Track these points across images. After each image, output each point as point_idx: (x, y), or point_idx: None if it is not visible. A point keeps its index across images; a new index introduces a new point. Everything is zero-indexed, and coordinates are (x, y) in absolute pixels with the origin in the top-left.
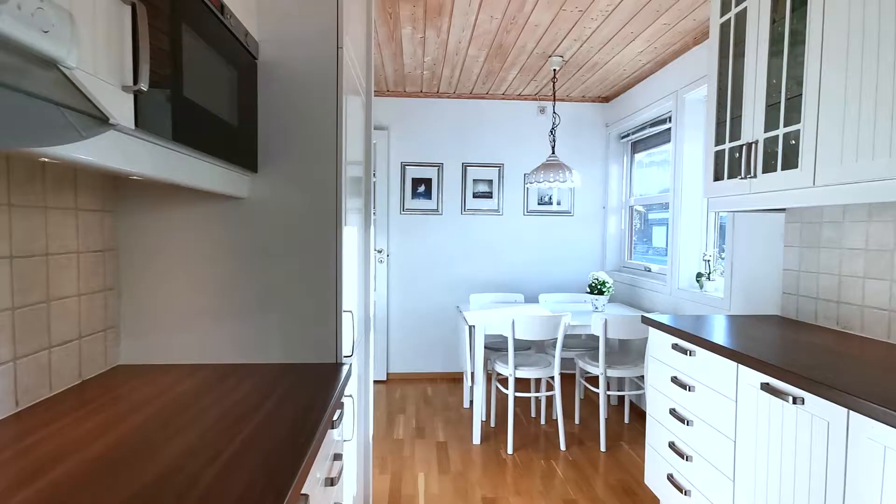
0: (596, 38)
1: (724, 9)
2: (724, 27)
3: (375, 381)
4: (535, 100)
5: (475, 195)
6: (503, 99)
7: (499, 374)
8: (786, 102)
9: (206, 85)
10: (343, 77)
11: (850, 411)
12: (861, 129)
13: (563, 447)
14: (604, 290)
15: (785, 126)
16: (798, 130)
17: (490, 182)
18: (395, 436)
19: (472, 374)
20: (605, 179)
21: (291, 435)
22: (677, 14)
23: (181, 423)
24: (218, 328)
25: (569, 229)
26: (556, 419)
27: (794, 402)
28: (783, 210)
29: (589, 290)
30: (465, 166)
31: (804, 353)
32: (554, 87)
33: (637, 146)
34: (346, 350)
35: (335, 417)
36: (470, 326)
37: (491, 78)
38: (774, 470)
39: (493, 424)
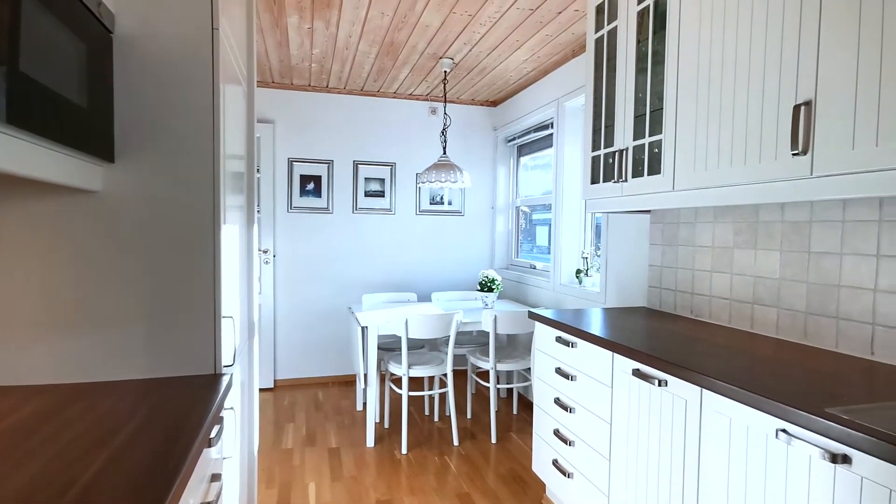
0: (484, 43)
1: (598, 26)
2: (599, 43)
3: (261, 390)
4: (427, 100)
5: (367, 194)
6: (395, 98)
7: (392, 375)
8: (650, 115)
9: (47, 59)
10: (220, 61)
11: (703, 389)
12: (709, 141)
13: (456, 442)
14: (493, 287)
15: (650, 136)
16: (660, 140)
17: (382, 181)
18: (283, 446)
19: (366, 375)
20: (494, 181)
21: (158, 460)
22: (558, 27)
23: (20, 455)
24: (71, 343)
25: (460, 229)
26: (450, 415)
27: (660, 385)
28: (649, 212)
29: (479, 288)
30: (356, 164)
31: (666, 340)
32: (445, 89)
33: (523, 149)
34: (226, 359)
35: (213, 434)
36: (362, 327)
37: (382, 75)
38: (644, 446)
39: (387, 425)
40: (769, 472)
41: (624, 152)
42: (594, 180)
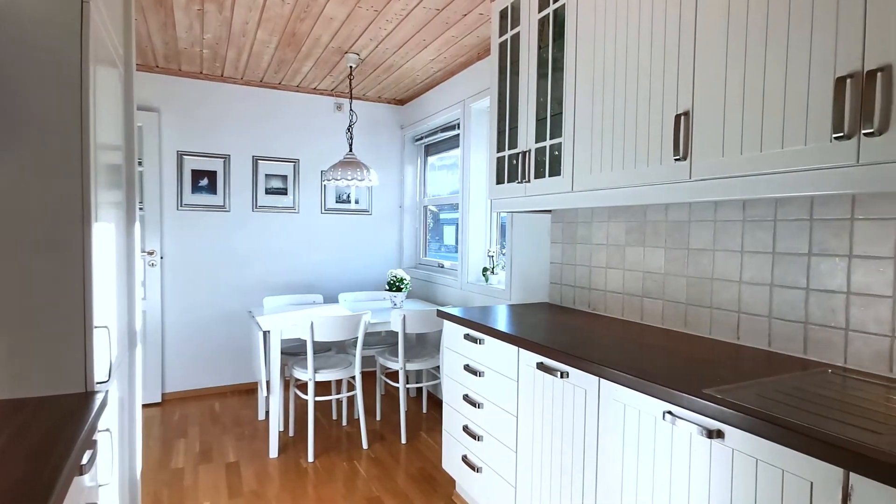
0: (391, 40)
1: (502, 31)
2: (503, 47)
3: (146, 406)
4: (332, 96)
5: (269, 191)
6: (298, 91)
7: (298, 380)
8: (551, 119)
9: None
10: (91, 39)
11: (601, 379)
12: (604, 145)
13: (365, 445)
14: (402, 286)
15: (551, 139)
16: (560, 143)
17: (285, 178)
18: (172, 465)
19: (268, 382)
20: (402, 180)
21: (22, 491)
22: (463, 29)
23: None
24: None
25: (367, 228)
26: (359, 418)
27: (562, 377)
28: (551, 211)
29: (388, 288)
30: (256, 160)
31: (567, 333)
32: (351, 85)
33: (430, 149)
34: (99, 375)
35: (84, 460)
36: (264, 332)
37: (284, 67)
38: (548, 437)
39: (292, 434)
40: (658, 451)
41: (527, 154)
42: (499, 181)
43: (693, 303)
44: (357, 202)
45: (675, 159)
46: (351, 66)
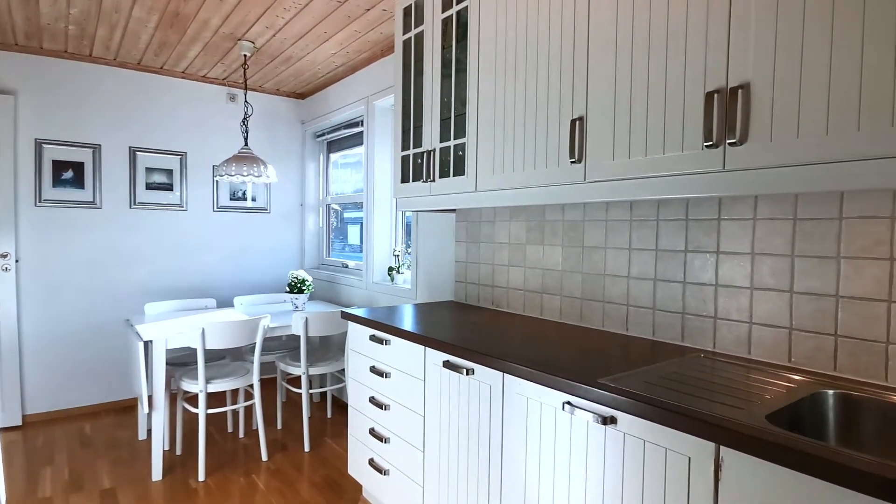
0: (290, 30)
1: (406, 28)
2: (407, 45)
3: (4, 430)
4: (225, 85)
5: (150, 186)
6: (184, 78)
7: (186, 393)
8: (455, 119)
9: None
10: None
11: (505, 374)
12: (505, 147)
13: (265, 457)
14: (304, 288)
15: (455, 139)
16: (464, 143)
17: (170, 172)
18: (39, 495)
19: (150, 398)
20: (303, 177)
21: None
22: (367, 24)
23: None
24: None
25: (266, 227)
26: (257, 429)
27: (468, 374)
28: (455, 210)
29: (289, 290)
30: (133, 151)
31: (472, 330)
32: (245, 75)
33: (333, 146)
34: None
35: None
36: (145, 342)
37: (166, 50)
38: (455, 434)
39: (179, 452)
40: (558, 441)
41: (431, 153)
42: (404, 179)
43: (588, 297)
44: (254, 199)
45: (572, 162)
46: (245, 55)
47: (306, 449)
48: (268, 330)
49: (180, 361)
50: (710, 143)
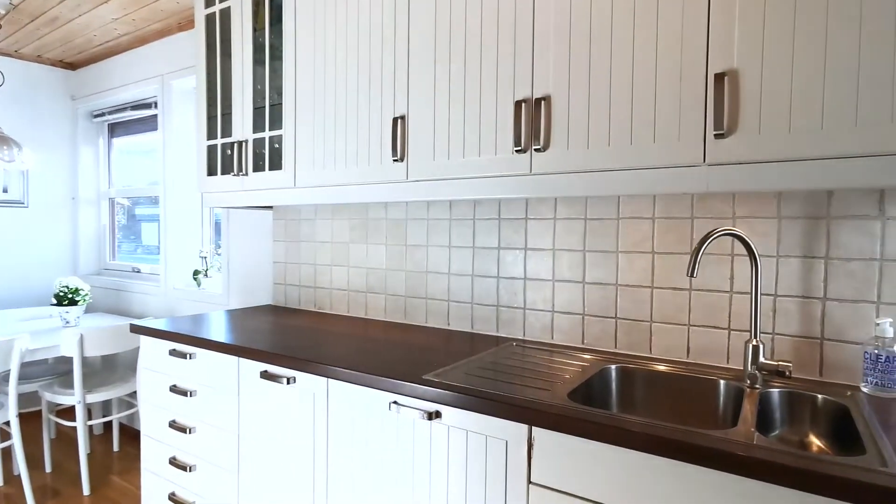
0: None
1: (209, 2)
2: (210, 20)
3: None
4: None
5: None
6: None
7: None
8: (270, 108)
9: None
10: None
11: (329, 379)
12: (326, 142)
13: None
14: (77, 299)
15: (270, 130)
16: (281, 135)
17: None
18: None
19: None
20: (75, 164)
21: None
22: None
23: None
24: None
25: (22, 225)
26: (19, 475)
27: (289, 383)
28: (272, 207)
29: (56, 302)
30: None
31: (293, 336)
32: None
33: (117, 129)
34: None
35: None
36: None
37: None
38: (276, 450)
39: None
40: (386, 441)
41: (243, 144)
42: (211, 172)
43: (411, 295)
44: (6, 191)
45: (394, 160)
46: None
47: (85, 492)
48: (27, 353)
49: None
50: (520, 148)
